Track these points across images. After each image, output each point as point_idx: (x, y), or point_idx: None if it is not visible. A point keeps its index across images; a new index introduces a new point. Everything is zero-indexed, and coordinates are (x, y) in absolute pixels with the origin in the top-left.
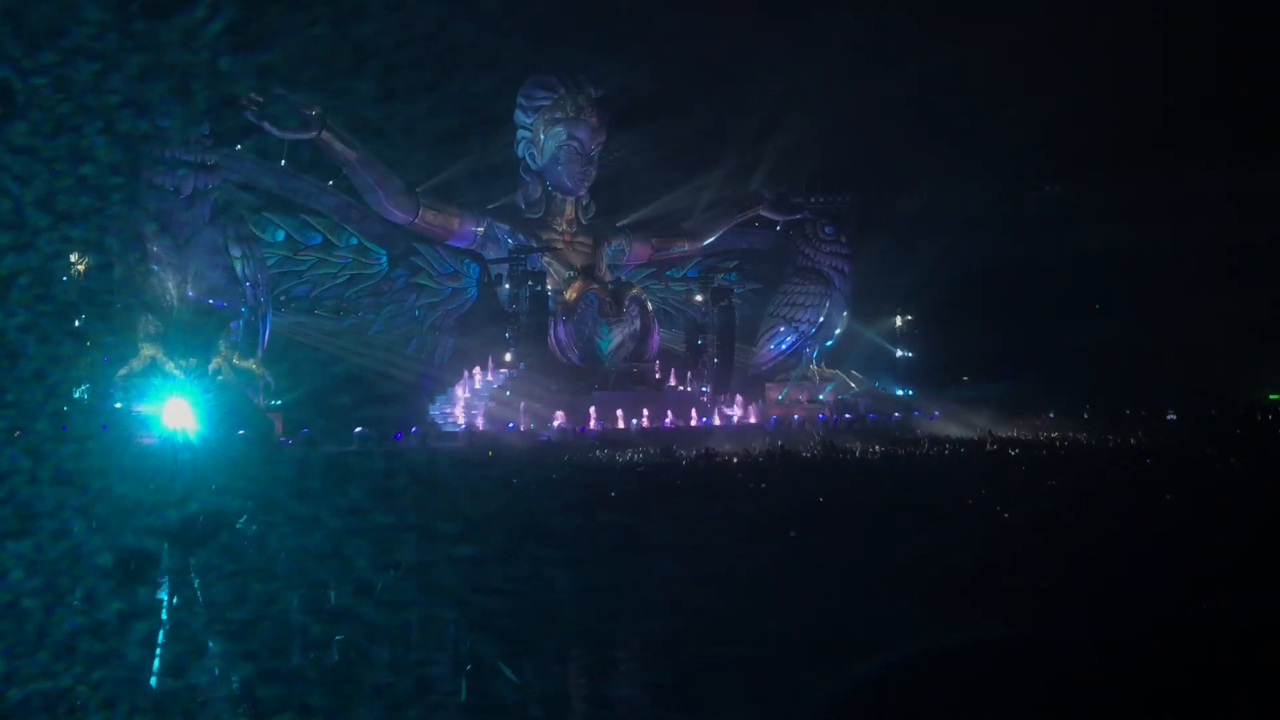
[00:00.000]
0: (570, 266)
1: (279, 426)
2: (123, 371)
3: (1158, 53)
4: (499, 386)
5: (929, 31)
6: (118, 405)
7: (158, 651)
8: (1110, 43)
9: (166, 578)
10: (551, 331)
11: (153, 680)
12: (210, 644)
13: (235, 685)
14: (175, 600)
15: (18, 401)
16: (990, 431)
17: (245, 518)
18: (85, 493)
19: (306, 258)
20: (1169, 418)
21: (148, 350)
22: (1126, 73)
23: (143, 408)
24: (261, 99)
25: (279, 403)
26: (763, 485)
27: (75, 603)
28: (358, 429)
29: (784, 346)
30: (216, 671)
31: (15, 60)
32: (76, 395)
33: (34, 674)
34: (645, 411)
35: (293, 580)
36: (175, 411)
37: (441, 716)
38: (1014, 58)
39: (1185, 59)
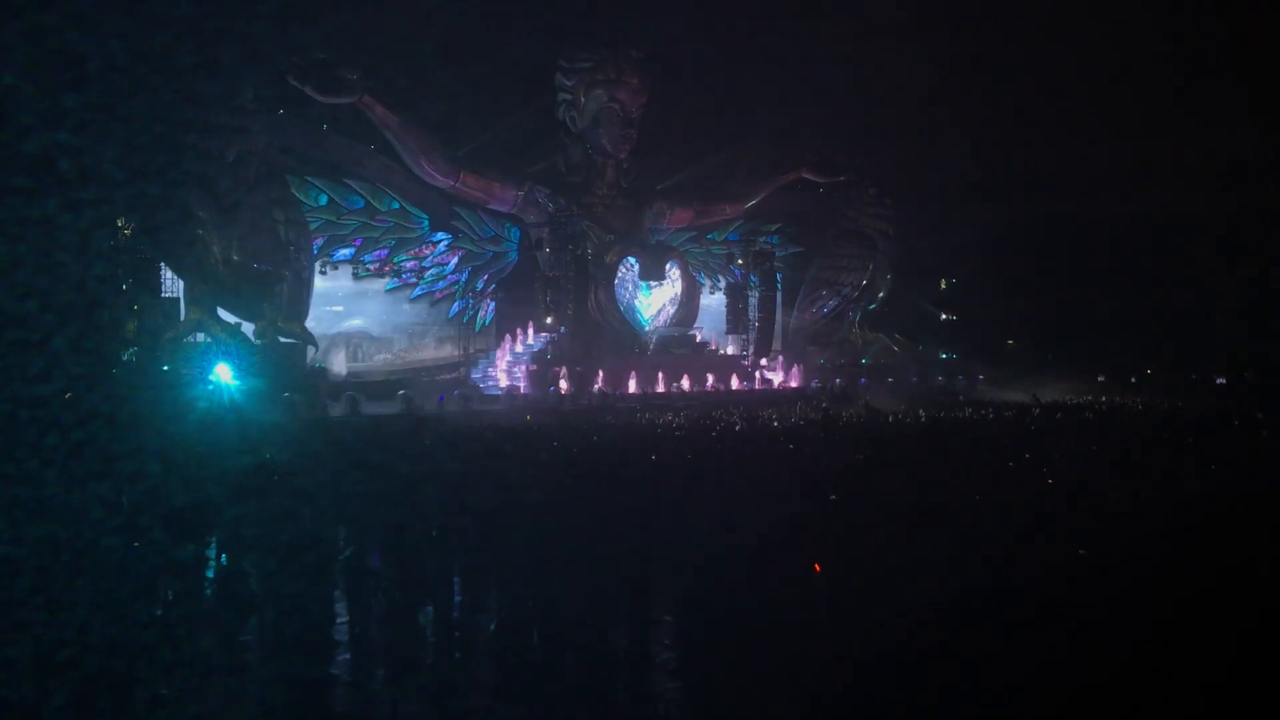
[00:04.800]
0: (611, 230)
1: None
2: (170, 335)
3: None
4: (539, 350)
5: None
6: (166, 368)
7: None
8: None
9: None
10: (591, 295)
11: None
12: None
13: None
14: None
15: (81, 350)
16: (1036, 395)
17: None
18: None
19: (349, 221)
20: (1218, 382)
21: (194, 313)
22: (1181, 29)
23: (190, 370)
24: (305, 63)
25: (322, 366)
26: (805, 449)
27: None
28: (400, 391)
29: (826, 310)
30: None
31: (80, 28)
32: (125, 358)
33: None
34: (686, 375)
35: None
36: (222, 374)
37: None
38: (1066, 15)
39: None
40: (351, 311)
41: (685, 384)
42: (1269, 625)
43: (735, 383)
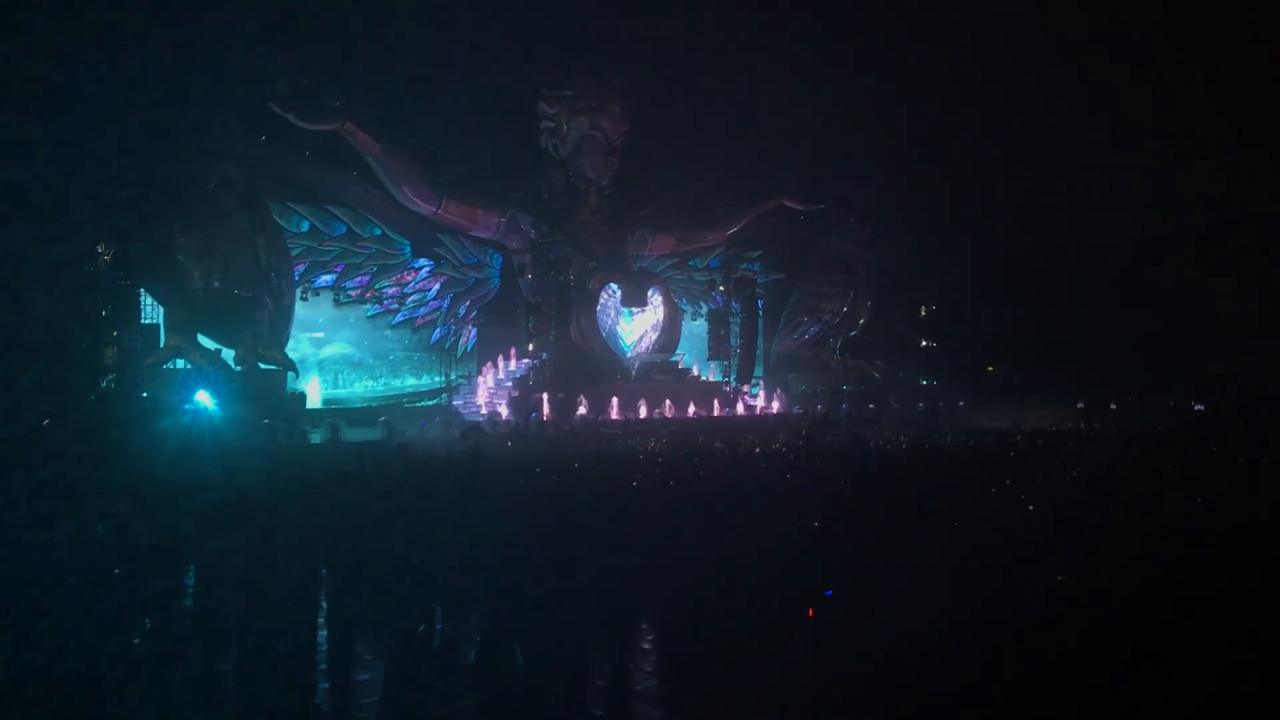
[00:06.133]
0: (593, 256)
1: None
2: (150, 361)
3: (1182, 37)
4: (521, 376)
5: (949, 21)
6: (145, 395)
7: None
8: (1134, 28)
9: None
10: (574, 321)
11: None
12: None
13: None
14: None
15: (49, 389)
16: (1016, 422)
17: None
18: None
19: (331, 248)
20: (1196, 408)
21: (174, 340)
22: (1154, 58)
23: (170, 397)
24: (286, 90)
25: (302, 391)
26: (787, 475)
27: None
28: (381, 418)
29: (808, 336)
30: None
31: (53, 56)
32: (104, 384)
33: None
34: (668, 402)
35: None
36: (202, 401)
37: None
38: (1037, 44)
39: (1211, 43)
40: (332, 338)
41: (667, 410)
42: (1251, 646)
43: (717, 409)
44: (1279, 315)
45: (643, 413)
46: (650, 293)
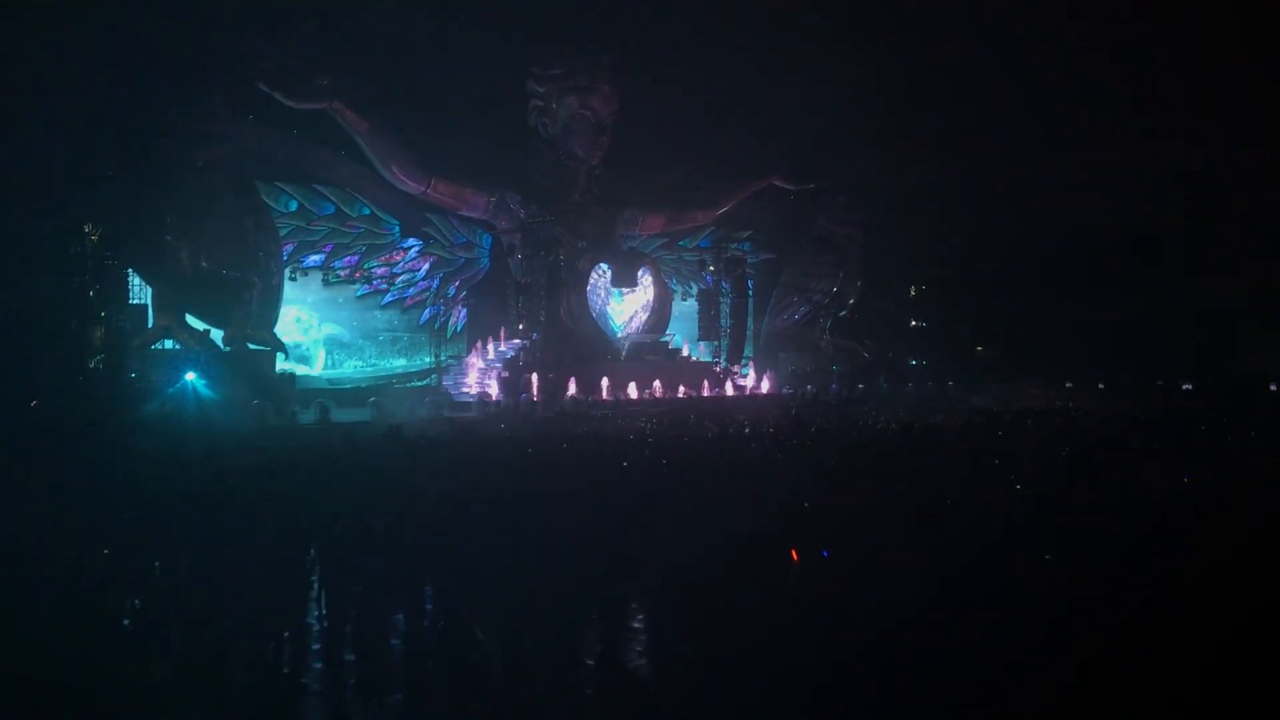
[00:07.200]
0: (583, 236)
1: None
2: (138, 342)
3: (1170, 20)
4: (511, 357)
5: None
6: (133, 375)
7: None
8: (1125, 11)
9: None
10: (563, 302)
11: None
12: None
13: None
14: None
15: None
16: (1005, 402)
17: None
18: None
19: (320, 228)
20: (1185, 387)
21: (162, 320)
22: (1145, 40)
23: (158, 377)
24: (275, 69)
25: (291, 372)
26: (777, 455)
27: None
28: (371, 399)
29: (797, 316)
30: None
31: (42, 37)
32: (92, 365)
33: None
34: (658, 382)
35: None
36: (191, 381)
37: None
38: (1028, 27)
39: (1200, 26)
40: (322, 318)
41: (658, 390)
42: (1235, 623)
43: (706, 389)
44: (1267, 300)
45: (633, 393)
46: (640, 273)
